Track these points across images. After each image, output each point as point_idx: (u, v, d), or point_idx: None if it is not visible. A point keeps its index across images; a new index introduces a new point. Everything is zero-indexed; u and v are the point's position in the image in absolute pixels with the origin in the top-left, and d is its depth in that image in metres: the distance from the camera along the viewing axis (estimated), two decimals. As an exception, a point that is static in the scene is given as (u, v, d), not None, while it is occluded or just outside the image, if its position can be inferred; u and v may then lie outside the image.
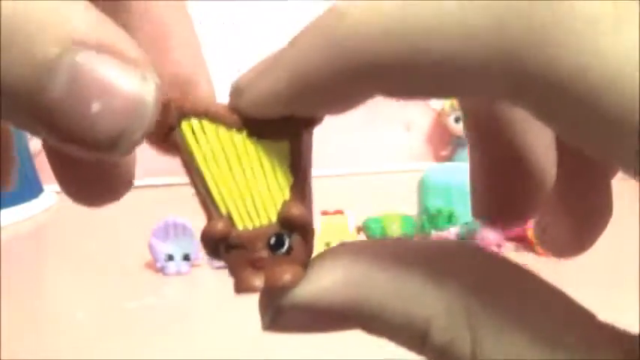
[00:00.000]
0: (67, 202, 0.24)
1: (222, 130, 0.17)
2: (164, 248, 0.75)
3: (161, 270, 0.75)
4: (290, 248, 0.18)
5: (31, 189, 1.01)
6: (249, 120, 0.17)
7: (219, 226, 0.18)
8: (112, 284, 0.73)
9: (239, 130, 0.17)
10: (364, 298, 0.16)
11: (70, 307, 0.68)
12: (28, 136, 1.06)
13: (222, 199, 0.18)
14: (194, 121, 0.17)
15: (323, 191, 1.12)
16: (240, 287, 0.20)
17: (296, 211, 0.18)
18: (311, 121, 0.18)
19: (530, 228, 0.79)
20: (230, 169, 0.18)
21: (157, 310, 0.67)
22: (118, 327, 0.65)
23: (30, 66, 0.14)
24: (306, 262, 0.18)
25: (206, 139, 0.17)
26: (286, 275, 0.18)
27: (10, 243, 0.88)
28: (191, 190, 0.19)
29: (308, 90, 0.15)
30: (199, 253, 0.76)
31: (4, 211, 0.96)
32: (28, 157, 1.03)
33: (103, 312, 0.69)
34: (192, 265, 0.76)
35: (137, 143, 0.16)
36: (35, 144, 1.10)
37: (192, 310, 0.68)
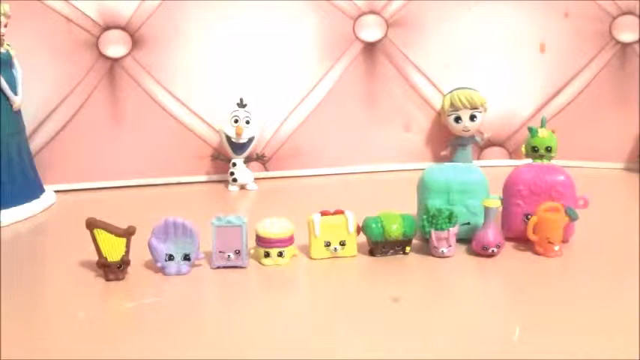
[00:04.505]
0: (67, 202, 0.24)
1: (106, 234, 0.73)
2: (164, 248, 0.75)
3: (161, 270, 0.75)
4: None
5: (31, 189, 1.01)
6: None
7: (102, 260, 0.74)
8: (111, 284, 0.73)
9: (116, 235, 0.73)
10: None
11: (70, 307, 0.68)
12: (28, 135, 1.07)
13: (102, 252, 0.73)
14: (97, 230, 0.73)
15: (323, 191, 1.13)
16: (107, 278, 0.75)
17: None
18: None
19: (529, 228, 0.79)
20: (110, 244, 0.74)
21: (157, 310, 0.67)
22: (118, 327, 0.65)
23: None
24: None
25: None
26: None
27: (10, 243, 0.88)
28: (191, 190, 0.20)
29: None
30: (199, 253, 0.76)
31: (4, 211, 0.96)
32: (28, 157, 1.03)
33: (103, 312, 0.69)
34: (192, 265, 0.76)
35: None
36: (36, 144, 1.10)
37: (192, 310, 0.68)
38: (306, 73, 1.19)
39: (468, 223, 0.81)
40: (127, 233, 0.73)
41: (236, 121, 1.11)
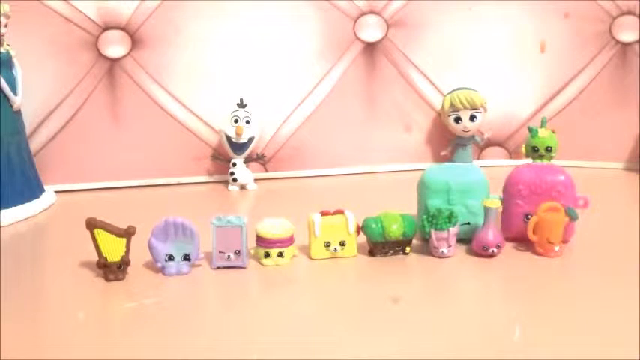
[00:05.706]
0: (67, 202, 0.24)
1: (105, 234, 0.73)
2: (164, 248, 0.75)
3: (161, 270, 0.75)
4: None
5: (31, 189, 1.01)
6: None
7: (102, 260, 0.73)
8: (111, 284, 0.73)
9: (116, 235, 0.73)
10: None
11: (70, 307, 0.68)
12: (28, 135, 1.07)
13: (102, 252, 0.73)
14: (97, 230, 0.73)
15: (323, 191, 1.13)
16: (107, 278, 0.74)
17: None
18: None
19: (529, 228, 0.79)
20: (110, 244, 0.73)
21: (157, 310, 0.67)
22: (118, 327, 0.65)
23: None
24: None
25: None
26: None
27: (10, 243, 0.88)
28: (191, 191, 0.20)
29: None
30: (199, 253, 0.76)
31: (4, 211, 0.96)
32: (28, 157, 1.03)
33: (103, 312, 0.69)
34: (192, 265, 0.76)
35: None
36: (36, 144, 1.10)
37: (192, 310, 0.68)
38: (306, 73, 1.19)
39: (468, 223, 0.81)
40: (127, 233, 0.74)
41: (236, 121, 1.11)
